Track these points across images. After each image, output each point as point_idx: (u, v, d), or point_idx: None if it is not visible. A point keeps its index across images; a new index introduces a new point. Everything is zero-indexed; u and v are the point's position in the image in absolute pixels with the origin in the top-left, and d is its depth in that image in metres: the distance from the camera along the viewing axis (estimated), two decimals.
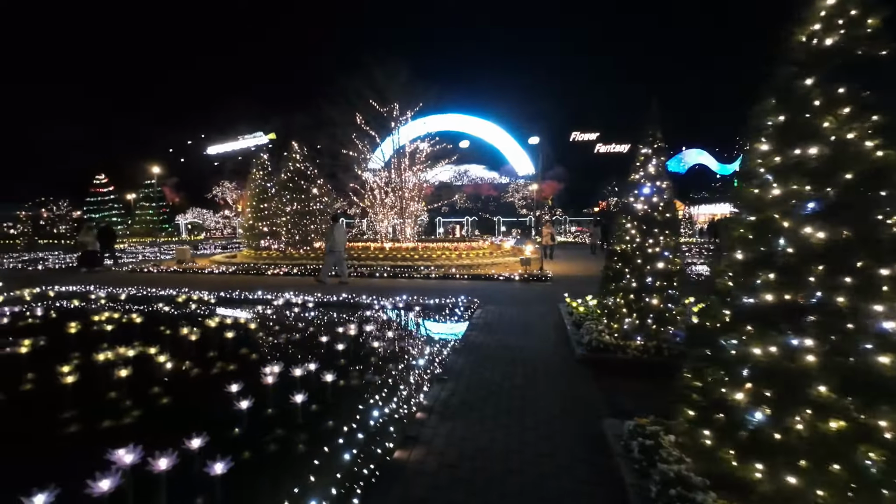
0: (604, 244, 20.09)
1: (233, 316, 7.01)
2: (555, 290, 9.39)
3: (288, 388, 3.75)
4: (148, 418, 3.52)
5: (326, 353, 4.91)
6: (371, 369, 4.47)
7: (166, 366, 4.42)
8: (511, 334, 5.80)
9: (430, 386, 3.96)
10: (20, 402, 3.79)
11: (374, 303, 7.69)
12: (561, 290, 9.37)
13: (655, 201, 4.89)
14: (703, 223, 38.33)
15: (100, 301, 8.11)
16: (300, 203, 16.13)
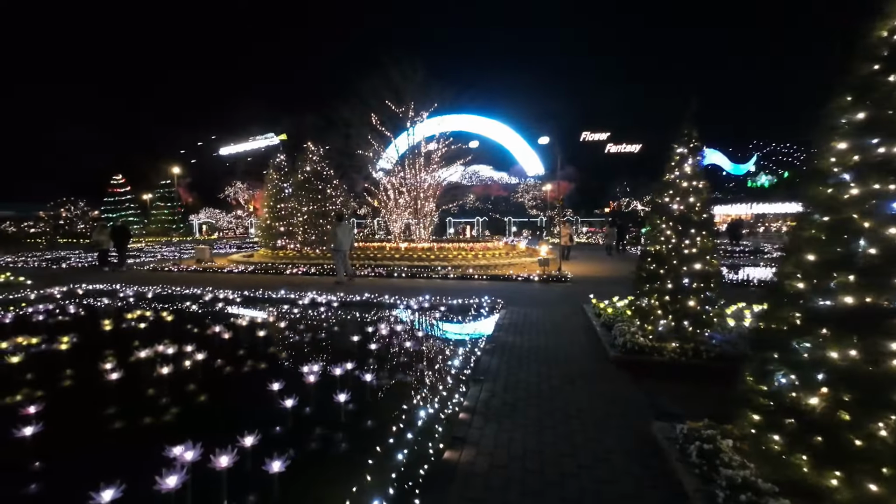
0: (619, 245, 19.92)
1: (261, 314, 7.07)
2: (576, 291, 9.33)
3: (327, 387, 3.78)
4: (194, 415, 3.55)
5: (359, 352, 4.93)
6: (405, 369, 4.48)
7: (205, 364, 4.47)
8: (540, 335, 5.76)
9: (467, 386, 3.95)
10: (68, 398, 3.85)
11: (398, 302, 7.71)
12: (582, 291, 9.31)
13: (692, 201, 4.82)
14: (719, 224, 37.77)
15: (129, 299, 8.24)
16: (316, 203, 16.24)
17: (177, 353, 4.54)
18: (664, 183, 5.11)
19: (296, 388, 3.67)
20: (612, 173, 66.06)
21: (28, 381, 4.12)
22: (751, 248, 21.67)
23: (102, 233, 14.12)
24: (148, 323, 6.12)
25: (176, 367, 4.11)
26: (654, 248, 5.06)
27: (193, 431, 2.95)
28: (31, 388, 3.96)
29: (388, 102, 16.54)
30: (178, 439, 2.65)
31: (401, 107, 16.76)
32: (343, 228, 10.94)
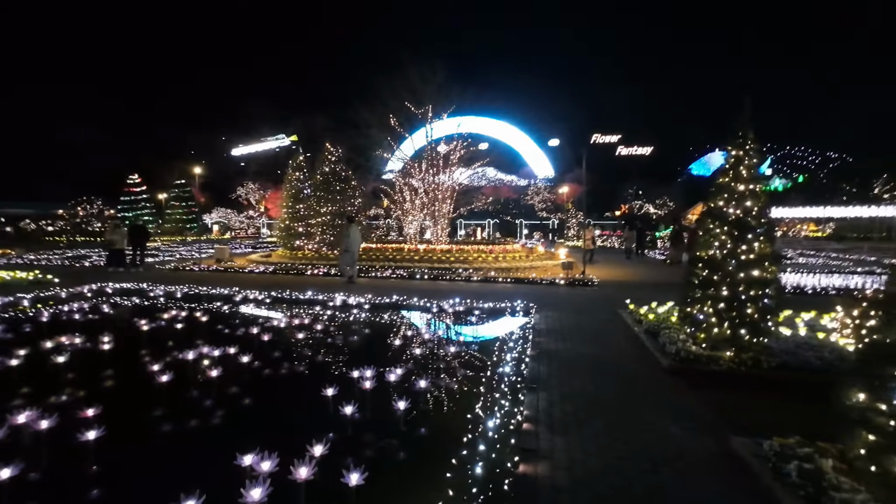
0: (638, 249, 19.64)
1: (297, 316, 7.00)
2: (604, 296, 9.17)
3: (380, 392, 3.69)
4: (253, 420, 3.47)
5: (403, 356, 4.84)
6: (452, 374, 4.37)
7: (253, 366, 4.40)
8: (582, 342, 5.62)
9: (522, 395, 3.83)
10: (123, 401, 3.79)
11: (430, 306, 7.60)
12: (611, 296, 9.16)
13: (749, 205, 4.66)
14: None
15: (160, 299, 8.23)
16: (335, 204, 16.23)
17: (222, 356, 4.47)
18: (717, 186, 4.95)
19: (349, 393, 3.58)
20: (623, 176, 65.56)
21: (79, 382, 4.08)
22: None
23: (116, 232, 13.68)
24: (186, 323, 6.08)
25: (225, 370, 4.03)
26: (706, 254, 4.90)
27: (257, 438, 2.88)
28: (83, 390, 3.92)
29: (408, 104, 16.51)
30: (245, 446, 2.57)
31: (419, 108, 16.72)
32: (354, 230, 11.12)
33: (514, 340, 5.47)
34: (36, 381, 4.05)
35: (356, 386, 3.84)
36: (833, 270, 13.80)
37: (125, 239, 13.75)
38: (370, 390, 3.63)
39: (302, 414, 3.60)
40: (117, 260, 13.41)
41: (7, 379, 4.04)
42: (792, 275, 12.74)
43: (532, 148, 71.98)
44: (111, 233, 13.77)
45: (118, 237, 13.51)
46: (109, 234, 13.82)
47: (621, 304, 7.63)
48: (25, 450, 2.84)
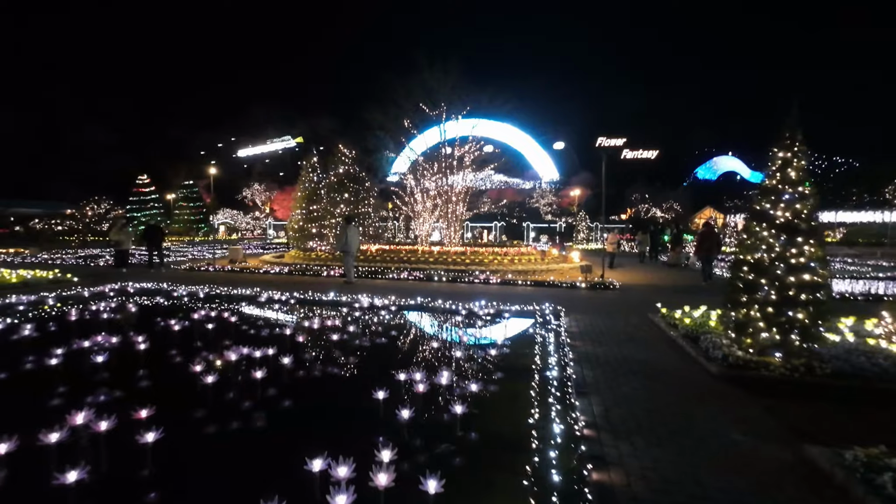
0: (653, 253, 19.43)
1: (327, 317, 6.93)
2: (628, 299, 9.07)
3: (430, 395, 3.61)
4: (309, 424, 3.39)
5: (440, 358, 4.76)
6: (496, 377, 4.29)
7: (296, 368, 4.34)
8: (619, 345, 5.53)
9: (573, 400, 3.74)
10: (173, 403, 3.71)
11: (457, 308, 7.52)
12: (635, 299, 9.07)
13: (798, 208, 4.57)
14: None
15: (184, 299, 8.19)
16: (348, 205, 16.20)
17: (262, 357, 4.40)
18: (763, 188, 4.86)
19: (397, 396, 3.51)
20: (628, 179, 65.39)
21: (122, 383, 4.02)
22: None
23: (122, 232, 13.18)
24: (217, 324, 6.01)
25: (267, 371, 3.96)
26: (751, 257, 4.81)
27: (314, 441, 2.81)
28: (127, 391, 3.86)
29: (422, 105, 16.49)
30: (305, 450, 2.50)
31: (433, 109, 16.71)
32: (352, 231, 11.29)
33: (551, 344, 5.38)
34: (80, 382, 4.00)
35: (403, 389, 3.77)
36: (854, 276, 13.64)
37: (131, 239, 13.50)
38: (421, 394, 3.56)
39: (353, 418, 3.52)
40: (124, 260, 13.09)
41: (50, 379, 3.99)
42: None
43: (536, 150, 71.94)
44: (117, 232, 13.28)
45: (124, 237, 13.08)
46: (115, 234, 13.32)
47: (648, 308, 7.53)
48: (84, 451, 2.78)
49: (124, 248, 13.04)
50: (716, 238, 13.29)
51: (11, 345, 5.00)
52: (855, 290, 10.52)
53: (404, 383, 3.81)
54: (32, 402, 3.66)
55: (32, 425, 2.79)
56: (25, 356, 4.67)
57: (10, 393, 3.88)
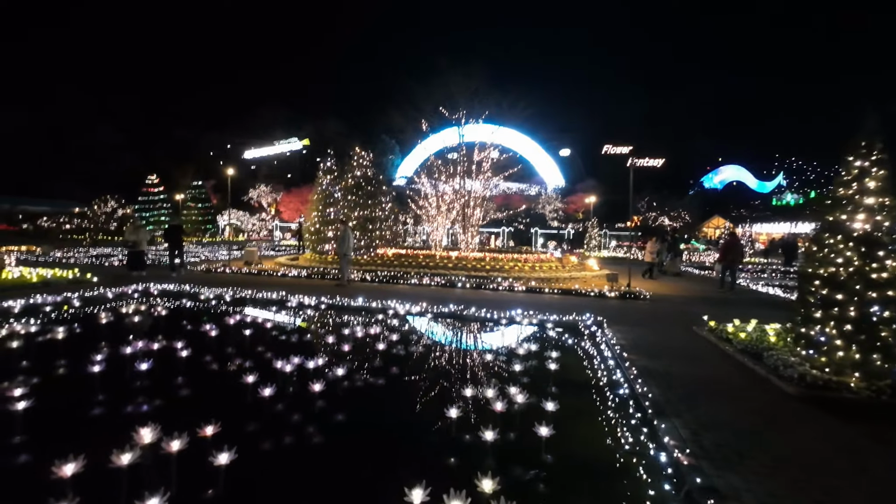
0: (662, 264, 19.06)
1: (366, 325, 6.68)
2: (664, 310, 8.85)
3: (506, 414, 3.37)
4: (375, 441, 3.16)
5: (501, 372, 4.53)
6: (566, 393, 4.05)
7: (352, 378, 4.12)
8: (676, 361, 5.28)
9: (654, 420, 3.50)
10: (235, 415, 3.49)
11: (494, 316, 7.29)
12: (671, 310, 8.84)
13: (879, 220, 4.35)
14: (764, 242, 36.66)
15: (211, 302, 7.97)
16: (366, 208, 16.03)
17: (317, 367, 4.18)
18: (836, 199, 4.65)
19: (464, 411, 3.28)
20: (635, 187, 65.22)
21: (178, 395, 3.80)
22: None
23: (138, 231, 12.17)
24: (254, 330, 5.80)
25: (321, 383, 3.73)
26: (825, 271, 4.58)
27: (393, 463, 2.59)
28: (187, 404, 3.63)
29: (443, 109, 16.37)
30: (388, 473, 2.29)
31: (453, 114, 16.57)
32: (348, 233, 11.49)
33: (606, 358, 5.16)
34: (132, 393, 3.78)
35: (465, 403, 3.55)
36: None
37: (147, 239, 12.59)
38: (493, 411, 3.33)
39: (425, 437, 3.29)
40: (140, 263, 11.96)
41: (100, 389, 3.77)
42: None
43: (542, 157, 71.88)
44: (133, 233, 12.21)
45: (141, 237, 12.15)
46: (131, 234, 12.22)
47: (688, 320, 7.32)
48: (154, 472, 2.55)
49: (141, 248, 12.09)
50: (740, 248, 13.46)
51: (48, 350, 4.79)
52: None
53: (478, 400, 3.58)
54: (83, 413, 3.44)
55: (95, 441, 2.57)
56: (65, 362, 4.47)
57: (57, 403, 3.66)
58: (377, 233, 16.06)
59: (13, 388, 3.38)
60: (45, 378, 4.08)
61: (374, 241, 15.98)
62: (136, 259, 12.02)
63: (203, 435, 2.77)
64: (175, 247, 12.77)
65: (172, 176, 44.41)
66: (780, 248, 25.87)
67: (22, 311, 6.58)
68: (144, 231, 12.44)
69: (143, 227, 12.72)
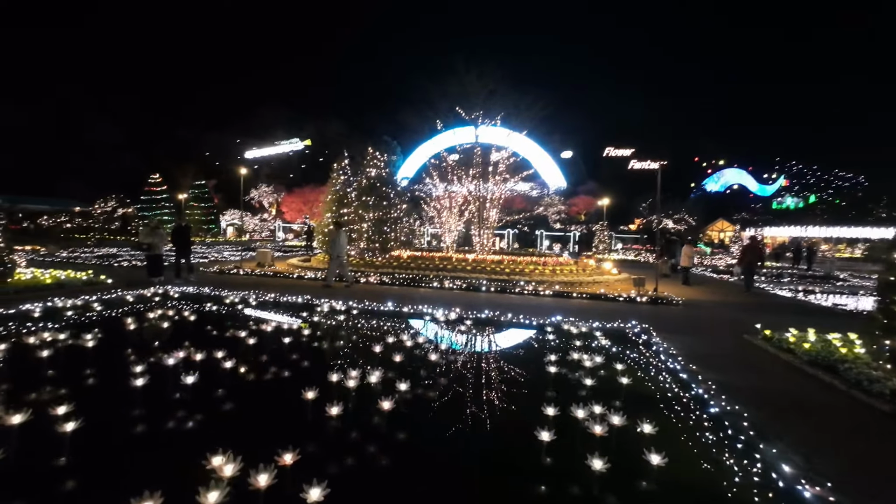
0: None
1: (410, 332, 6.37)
2: (703, 317, 8.60)
3: (605, 437, 3.07)
4: (459, 453, 2.86)
5: (575, 386, 4.22)
6: (644, 409, 3.75)
7: (409, 391, 3.82)
8: (742, 372, 5.01)
9: (760, 444, 3.21)
10: (304, 443, 3.18)
11: (541, 324, 6.98)
12: (709, 316, 8.61)
13: None
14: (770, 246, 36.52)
15: (237, 306, 7.64)
16: (380, 210, 15.72)
17: (379, 380, 3.87)
18: None
19: (563, 435, 2.99)
20: (636, 189, 65.17)
21: (235, 413, 3.49)
22: (825, 272, 20.54)
23: (155, 234, 11.02)
24: (294, 337, 5.49)
25: (396, 400, 3.42)
26: None
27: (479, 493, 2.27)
28: (253, 424, 3.32)
29: (459, 110, 16.11)
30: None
31: (469, 114, 16.32)
32: (342, 236, 11.39)
33: (673, 370, 4.87)
34: (184, 410, 3.45)
35: (561, 425, 3.24)
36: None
37: (164, 241, 11.30)
38: (588, 432, 3.03)
39: (517, 465, 2.98)
40: (158, 268, 10.93)
41: (138, 401, 3.46)
42: (863, 298, 12.11)
43: (544, 159, 71.66)
44: (149, 235, 11.10)
45: (158, 239, 11.00)
46: (147, 236, 11.12)
47: (734, 327, 7.08)
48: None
49: (158, 251, 10.91)
50: (759, 251, 13.88)
51: (83, 359, 4.46)
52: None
53: (544, 415, 3.27)
54: (136, 432, 3.12)
55: (165, 474, 2.26)
56: (104, 373, 4.15)
57: (104, 420, 3.33)
58: (392, 234, 15.74)
59: (56, 404, 3.06)
60: (86, 391, 3.77)
61: (389, 242, 15.67)
62: (154, 263, 10.84)
63: (283, 464, 2.46)
64: (183, 248, 11.62)
65: (173, 175, 44.02)
66: (788, 252, 25.77)
67: (43, 315, 6.24)
68: (161, 233, 11.21)
69: (160, 229, 11.38)
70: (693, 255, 14.83)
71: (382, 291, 10.35)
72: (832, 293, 13.29)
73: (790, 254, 25.64)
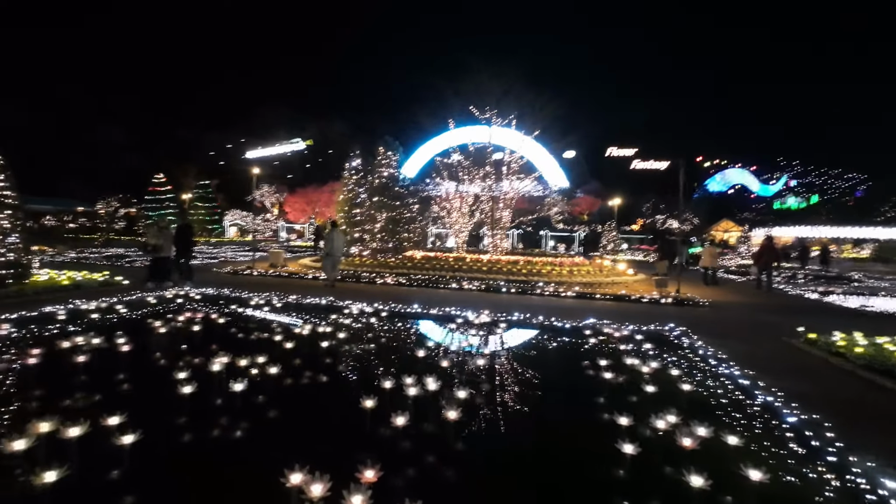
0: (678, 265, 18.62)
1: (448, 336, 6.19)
2: (732, 318, 8.47)
3: (694, 451, 2.89)
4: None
5: (636, 394, 4.04)
6: (720, 419, 3.58)
7: (477, 404, 3.64)
8: (794, 378, 4.84)
9: (848, 456, 3.04)
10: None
11: (571, 326, 6.81)
12: (739, 318, 8.50)
13: None
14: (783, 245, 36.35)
15: (263, 308, 7.46)
16: (392, 210, 15.56)
17: (438, 389, 3.69)
18: None
19: (646, 448, 2.82)
20: (638, 189, 65.05)
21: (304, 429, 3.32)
22: (839, 272, 20.41)
23: (162, 235, 10.15)
24: (333, 340, 5.32)
25: (456, 403, 3.24)
26: None
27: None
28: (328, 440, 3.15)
29: (473, 109, 15.96)
30: None
31: (483, 113, 16.18)
32: (337, 235, 11.29)
33: (729, 376, 4.71)
34: (227, 415, 3.28)
35: (639, 438, 3.07)
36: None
37: (171, 243, 10.30)
38: (680, 446, 2.87)
39: (605, 474, 2.81)
40: (164, 271, 10.03)
41: (194, 412, 3.28)
42: (886, 299, 11.97)
43: (546, 158, 71.50)
44: (155, 235, 10.15)
45: (164, 241, 10.09)
46: (154, 238, 10.12)
47: (770, 329, 6.98)
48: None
49: (165, 254, 10.08)
50: (776, 251, 13.94)
51: (121, 364, 4.29)
52: None
53: (616, 425, 3.10)
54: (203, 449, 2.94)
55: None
56: (147, 380, 3.97)
57: (163, 436, 3.15)
58: (405, 235, 15.59)
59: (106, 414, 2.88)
60: (134, 399, 3.58)
61: (402, 243, 15.52)
62: (158, 267, 9.96)
63: (366, 481, 2.29)
64: (184, 249, 10.56)
65: (175, 175, 43.83)
66: (795, 252, 25.62)
67: (69, 317, 6.07)
68: (168, 234, 10.29)
69: (168, 230, 10.41)
70: (716, 256, 14.68)
71: (402, 293, 10.18)
72: (852, 294, 13.13)
73: (795, 254, 25.50)
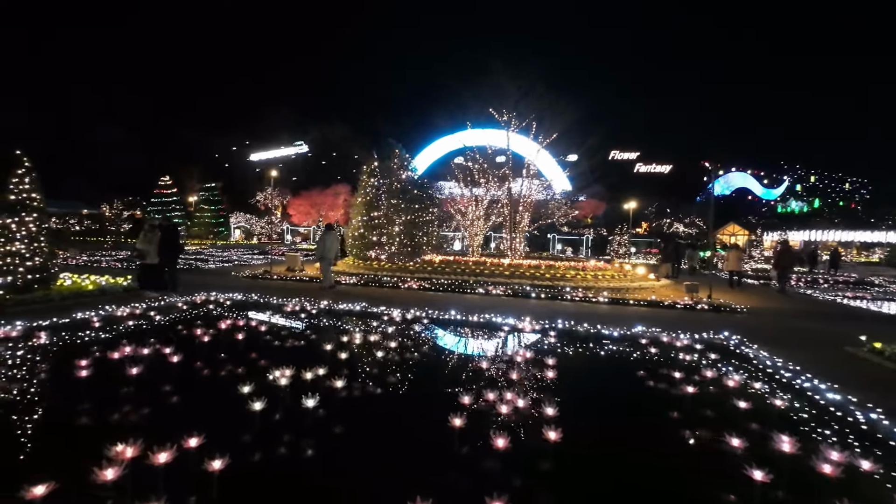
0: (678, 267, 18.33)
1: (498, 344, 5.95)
2: (778, 325, 8.24)
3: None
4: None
5: (705, 404, 3.80)
6: (814, 439, 3.34)
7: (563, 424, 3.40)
8: (884, 391, 4.60)
9: None
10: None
11: (619, 334, 6.56)
12: (784, 325, 8.29)
13: None
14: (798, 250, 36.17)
15: (303, 315, 7.20)
16: (411, 213, 15.34)
17: (502, 399, 3.45)
18: None
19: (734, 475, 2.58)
20: (643, 193, 65.04)
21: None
22: (853, 277, 20.18)
23: (145, 239, 9.01)
24: (382, 348, 5.08)
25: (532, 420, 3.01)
26: None
27: None
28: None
29: (492, 111, 15.78)
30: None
31: (500, 116, 16.00)
32: (332, 237, 11.23)
33: (818, 390, 4.46)
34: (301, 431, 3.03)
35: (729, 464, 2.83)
36: None
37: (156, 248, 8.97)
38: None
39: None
40: (155, 280, 8.92)
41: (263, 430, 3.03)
42: None
43: (549, 162, 71.51)
44: (144, 240, 9.02)
45: (152, 247, 8.91)
46: (144, 242, 9.01)
47: (815, 336, 6.82)
48: None
49: (151, 260, 8.94)
50: (793, 255, 14.74)
51: (175, 374, 4.04)
52: None
53: (689, 441, 2.87)
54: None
55: None
56: (204, 395, 3.73)
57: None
58: (424, 238, 15.37)
59: (182, 433, 2.64)
60: (202, 414, 3.34)
61: (420, 246, 15.29)
62: (148, 275, 8.95)
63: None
64: (169, 257, 9.19)
65: (179, 177, 43.71)
66: (804, 257, 25.41)
67: (104, 324, 5.83)
68: (156, 237, 9.06)
69: (153, 233, 9.15)
70: (742, 259, 14.55)
71: (430, 298, 9.93)
72: (879, 299, 12.91)
73: (804, 258, 25.26)
